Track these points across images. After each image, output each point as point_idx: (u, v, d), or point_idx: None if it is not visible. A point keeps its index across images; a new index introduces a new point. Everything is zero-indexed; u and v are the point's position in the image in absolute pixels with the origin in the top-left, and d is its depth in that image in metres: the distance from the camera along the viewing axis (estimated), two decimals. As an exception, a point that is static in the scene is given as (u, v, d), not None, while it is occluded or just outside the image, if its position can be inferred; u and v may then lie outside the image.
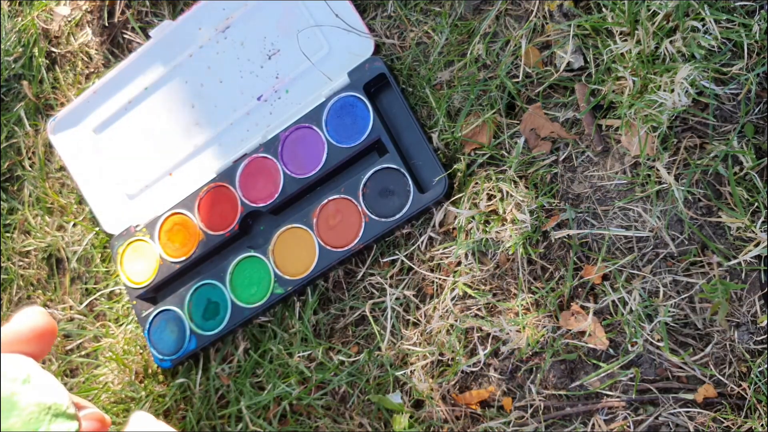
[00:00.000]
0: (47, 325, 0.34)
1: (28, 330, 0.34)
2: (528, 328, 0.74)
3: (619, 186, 0.73)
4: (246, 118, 0.91)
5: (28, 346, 0.33)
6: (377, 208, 0.82)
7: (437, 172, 0.80)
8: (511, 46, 0.79)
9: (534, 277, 0.76)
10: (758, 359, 0.67)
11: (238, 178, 0.89)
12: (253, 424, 0.85)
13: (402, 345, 0.80)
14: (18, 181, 1.08)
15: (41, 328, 0.34)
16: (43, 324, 0.34)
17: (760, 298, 0.68)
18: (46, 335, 0.34)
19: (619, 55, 0.72)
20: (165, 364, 0.90)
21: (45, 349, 0.34)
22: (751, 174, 0.68)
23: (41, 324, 0.34)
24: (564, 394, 0.74)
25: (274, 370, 0.86)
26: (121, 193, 0.97)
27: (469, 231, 0.78)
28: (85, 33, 1.05)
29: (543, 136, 0.77)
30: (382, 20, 0.86)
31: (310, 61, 0.87)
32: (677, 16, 0.70)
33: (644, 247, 0.72)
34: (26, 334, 0.33)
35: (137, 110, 0.95)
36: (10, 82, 1.10)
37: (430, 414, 0.77)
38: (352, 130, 0.84)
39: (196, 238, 0.90)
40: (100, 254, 1.00)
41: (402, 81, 0.84)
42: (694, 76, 0.69)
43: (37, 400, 0.32)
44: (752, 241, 0.68)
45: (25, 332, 0.33)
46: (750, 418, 0.66)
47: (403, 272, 0.82)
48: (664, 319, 0.70)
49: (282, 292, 0.85)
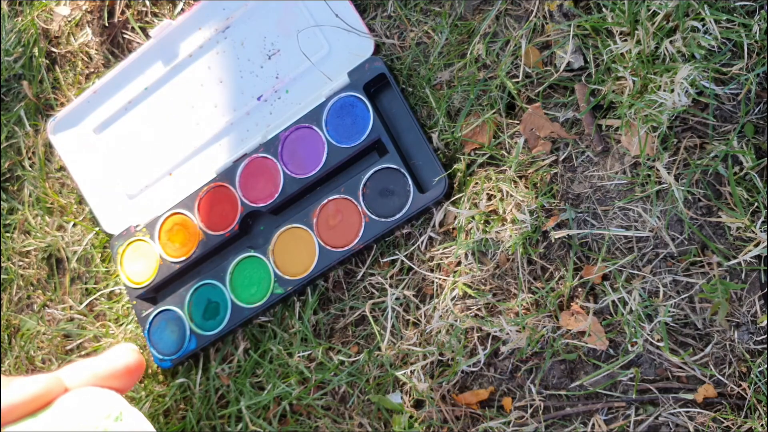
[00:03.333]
0: (139, 363, 0.35)
1: (123, 367, 0.34)
2: (528, 328, 0.74)
3: (619, 186, 0.74)
4: (246, 118, 0.91)
5: (119, 381, 0.34)
6: (377, 208, 0.82)
7: (437, 172, 0.80)
8: (511, 46, 0.79)
9: (534, 277, 0.76)
10: (758, 359, 0.67)
11: (238, 178, 0.89)
12: (253, 424, 0.85)
13: (402, 345, 0.80)
14: (18, 181, 1.08)
15: (134, 365, 0.34)
16: (135, 362, 0.35)
17: (760, 298, 0.68)
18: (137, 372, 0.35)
19: (619, 55, 0.72)
20: (165, 364, 0.90)
21: (133, 384, 0.35)
22: (751, 174, 0.68)
23: (134, 362, 0.34)
24: (564, 394, 0.74)
25: (274, 370, 0.86)
26: (121, 193, 0.97)
27: (469, 231, 0.78)
28: (85, 33, 1.05)
29: (543, 136, 0.77)
30: (382, 20, 0.86)
31: (310, 61, 0.87)
32: (677, 16, 0.70)
33: (644, 247, 0.72)
34: (120, 370, 0.34)
35: (137, 110, 0.95)
36: (10, 82, 1.10)
37: (429, 414, 0.78)
38: (352, 130, 0.84)
39: (196, 238, 0.90)
40: (100, 254, 1.00)
41: (402, 81, 0.84)
42: (694, 76, 0.69)
43: None
44: (752, 241, 0.68)
45: (120, 369, 0.34)
46: (750, 418, 0.66)
47: (403, 272, 0.82)
48: (664, 319, 0.70)
49: (282, 292, 0.85)
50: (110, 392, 0.33)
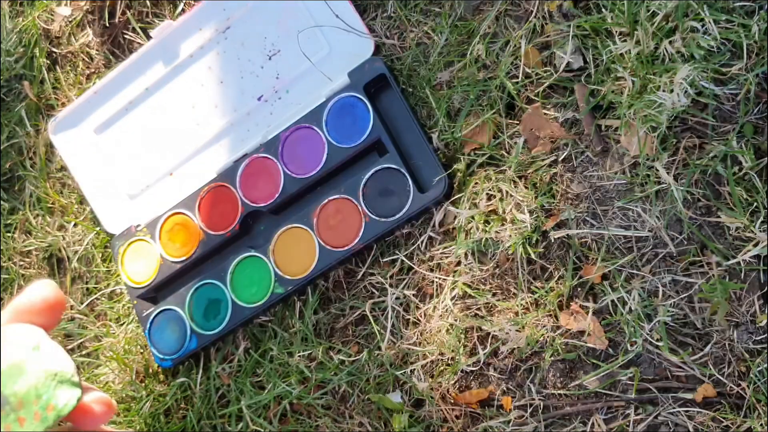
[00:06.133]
0: (57, 298, 0.36)
1: (40, 301, 0.35)
2: (527, 328, 0.75)
3: (618, 186, 0.74)
4: (246, 119, 0.91)
5: (38, 317, 0.35)
6: (377, 208, 0.82)
7: (437, 172, 0.80)
8: (511, 46, 0.79)
9: (533, 277, 0.76)
10: (757, 359, 0.67)
11: (239, 178, 0.89)
12: (254, 423, 0.85)
13: (402, 344, 0.80)
14: (19, 181, 1.09)
15: (52, 299, 0.35)
16: (54, 296, 0.36)
17: (759, 297, 0.68)
18: (56, 307, 0.36)
19: (618, 55, 0.73)
20: (165, 363, 0.90)
21: (54, 321, 0.36)
22: (750, 174, 0.68)
23: (52, 296, 0.35)
24: (563, 394, 0.74)
25: (274, 369, 0.86)
26: (121, 193, 0.97)
27: (469, 231, 0.78)
28: (85, 33, 1.05)
29: (542, 136, 0.77)
30: (382, 20, 0.86)
31: (311, 61, 0.87)
32: (677, 17, 0.70)
33: (643, 246, 0.72)
34: (38, 305, 0.35)
35: (138, 110, 0.95)
36: (11, 82, 1.10)
37: (429, 413, 0.78)
38: (352, 130, 0.84)
39: (197, 237, 0.91)
40: (100, 254, 1.00)
41: (402, 81, 0.85)
42: (694, 77, 0.69)
43: (45, 368, 0.34)
44: (751, 241, 0.68)
45: (37, 303, 0.35)
46: (749, 418, 0.67)
47: (403, 272, 0.82)
48: (664, 318, 0.70)
49: (282, 291, 0.85)
50: (29, 325, 0.35)
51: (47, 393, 0.34)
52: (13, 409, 0.33)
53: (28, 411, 0.33)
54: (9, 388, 0.33)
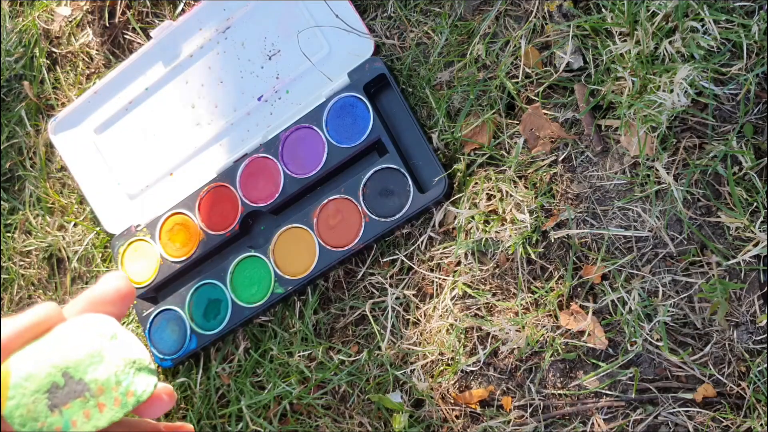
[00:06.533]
0: (129, 289, 0.37)
1: (114, 292, 0.37)
2: (527, 328, 0.75)
3: (618, 186, 0.74)
4: (246, 119, 0.91)
5: (112, 307, 0.37)
6: (377, 208, 0.82)
7: (437, 172, 0.80)
8: (511, 46, 0.79)
9: (533, 277, 0.76)
10: (757, 359, 0.67)
11: (239, 178, 0.89)
12: (254, 423, 0.85)
13: (402, 344, 0.80)
14: (19, 181, 1.09)
15: (125, 290, 0.37)
16: (126, 287, 0.37)
17: (759, 297, 0.68)
18: (128, 297, 0.37)
19: (618, 55, 0.73)
20: (165, 363, 0.90)
21: (124, 311, 0.38)
22: (750, 174, 0.68)
23: (124, 287, 0.37)
24: (563, 394, 0.74)
25: (274, 369, 0.86)
26: (121, 193, 0.97)
27: (469, 231, 0.78)
28: (85, 33, 1.05)
29: (542, 136, 0.77)
30: (382, 20, 0.86)
31: (311, 61, 0.87)
32: (676, 17, 0.70)
33: (643, 246, 0.72)
34: (111, 295, 0.37)
35: (138, 110, 0.95)
36: (11, 82, 1.10)
37: (429, 413, 0.78)
38: (353, 131, 0.84)
39: (197, 237, 0.91)
40: (100, 254, 1.00)
41: (402, 81, 0.85)
42: (694, 77, 0.69)
43: (123, 355, 0.35)
44: (751, 241, 0.68)
45: (111, 294, 0.37)
46: (749, 418, 0.67)
47: (403, 272, 0.82)
48: (664, 318, 0.70)
49: (282, 291, 0.85)
50: (105, 315, 0.36)
51: (127, 379, 0.35)
52: (93, 395, 0.34)
53: (107, 397, 0.34)
54: (90, 374, 0.34)
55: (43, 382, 0.33)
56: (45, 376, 0.33)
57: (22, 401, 0.33)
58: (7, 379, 0.33)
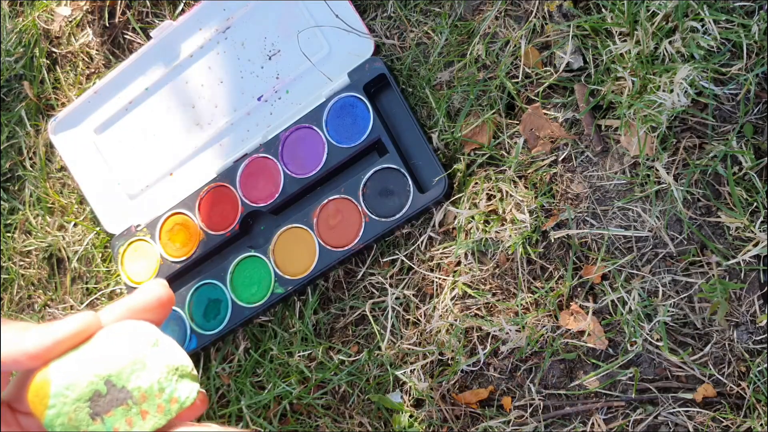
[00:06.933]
0: (169, 296, 0.38)
1: (155, 299, 0.37)
2: (527, 328, 0.75)
3: (618, 186, 0.74)
4: (246, 119, 0.91)
5: (153, 314, 0.37)
6: (377, 208, 0.82)
7: (437, 172, 0.80)
8: (511, 46, 0.79)
9: (533, 277, 0.76)
10: (757, 359, 0.67)
11: (239, 178, 0.89)
12: (254, 423, 0.85)
13: (402, 344, 0.80)
14: (19, 181, 1.09)
15: (165, 298, 0.37)
16: (166, 295, 0.38)
17: (759, 297, 0.68)
18: (167, 305, 0.38)
19: (618, 55, 0.73)
20: (165, 363, 0.90)
21: (164, 318, 0.38)
22: (750, 174, 0.68)
23: (165, 295, 0.37)
24: (563, 394, 0.74)
25: (274, 369, 0.86)
26: (121, 193, 0.97)
27: (469, 231, 0.78)
28: (85, 33, 1.05)
29: (542, 136, 0.77)
30: (382, 20, 0.86)
31: (311, 61, 0.87)
32: (676, 17, 0.70)
33: (643, 246, 0.72)
34: (152, 303, 0.37)
35: (138, 110, 0.95)
36: (11, 82, 1.10)
37: (429, 413, 0.78)
38: (353, 131, 0.84)
39: (197, 237, 0.91)
40: (100, 254, 1.00)
41: (402, 81, 0.85)
42: (694, 77, 0.69)
43: (166, 362, 0.35)
44: (751, 241, 0.68)
45: (152, 301, 0.37)
46: (749, 418, 0.67)
47: (403, 272, 0.82)
48: (664, 318, 0.70)
49: (282, 291, 0.85)
50: (144, 322, 0.36)
51: (170, 386, 0.35)
52: (136, 402, 0.34)
53: (150, 404, 0.35)
54: (132, 382, 0.34)
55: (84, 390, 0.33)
56: (87, 384, 0.34)
57: (62, 410, 0.33)
58: (48, 388, 0.33)
